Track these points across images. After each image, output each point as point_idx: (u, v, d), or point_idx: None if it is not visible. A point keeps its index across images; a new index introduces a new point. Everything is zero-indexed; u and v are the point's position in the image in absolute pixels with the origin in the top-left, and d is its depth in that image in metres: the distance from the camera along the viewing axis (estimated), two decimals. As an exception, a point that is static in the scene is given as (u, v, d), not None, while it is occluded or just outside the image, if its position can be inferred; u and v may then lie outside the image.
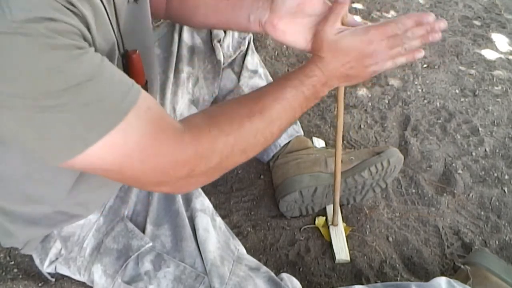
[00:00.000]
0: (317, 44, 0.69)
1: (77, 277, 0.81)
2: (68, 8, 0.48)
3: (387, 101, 1.52)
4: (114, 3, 0.64)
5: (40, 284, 0.95)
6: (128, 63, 0.69)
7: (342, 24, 0.69)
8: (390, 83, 1.59)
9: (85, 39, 0.51)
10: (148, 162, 0.54)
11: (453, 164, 1.30)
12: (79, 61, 0.47)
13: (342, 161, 1.08)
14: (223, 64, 1.08)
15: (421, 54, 0.72)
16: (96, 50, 0.52)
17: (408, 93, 1.55)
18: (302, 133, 1.21)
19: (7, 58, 0.43)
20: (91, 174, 0.59)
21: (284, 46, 1.70)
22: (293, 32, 0.72)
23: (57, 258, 0.79)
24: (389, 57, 0.69)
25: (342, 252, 1.06)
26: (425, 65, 1.69)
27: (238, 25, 0.81)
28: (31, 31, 0.43)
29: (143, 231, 0.76)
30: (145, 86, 0.74)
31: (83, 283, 0.89)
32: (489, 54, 1.76)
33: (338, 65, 0.69)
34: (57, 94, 0.46)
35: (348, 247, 1.07)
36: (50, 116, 0.47)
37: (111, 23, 0.61)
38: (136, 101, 0.52)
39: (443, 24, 0.68)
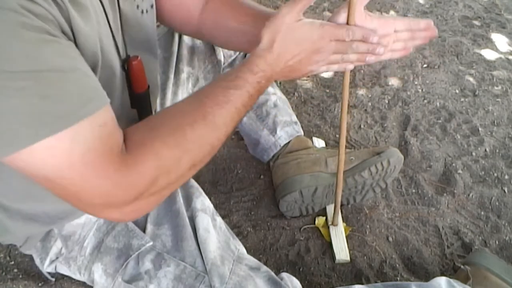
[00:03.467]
0: (272, 29, 0.65)
1: (77, 276, 0.81)
2: None
3: (387, 101, 1.52)
4: (120, 10, 0.64)
5: (40, 284, 0.95)
6: (129, 69, 0.69)
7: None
8: (390, 83, 1.59)
9: (63, 32, 0.48)
10: (91, 181, 0.51)
11: (453, 164, 1.30)
12: (49, 47, 0.45)
13: (342, 161, 1.09)
14: (223, 64, 1.08)
15: (350, 66, 0.73)
16: (78, 49, 0.50)
17: (408, 93, 1.55)
18: (302, 133, 1.21)
19: None
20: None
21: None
22: None
23: (57, 258, 0.79)
24: (329, 61, 0.69)
25: (342, 252, 1.06)
26: (425, 65, 1.69)
27: None
28: (2, 4, 0.41)
29: (144, 230, 0.76)
30: (147, 91, 0.75)
31: (83, 283, 0.89)
32: (489, 54, 1.77)
33: (289, 57, 0.65)
34: (16, 76, 0.43)
35: (348, 247, 1.07)
36: (2, 99, 0.43)
37: (111, 29, 0.61)
38: (95, 112, 0.49)
39: (382, 50, 0.70)
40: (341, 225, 1.11)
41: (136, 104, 0.75)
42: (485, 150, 1.36)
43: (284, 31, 0.64)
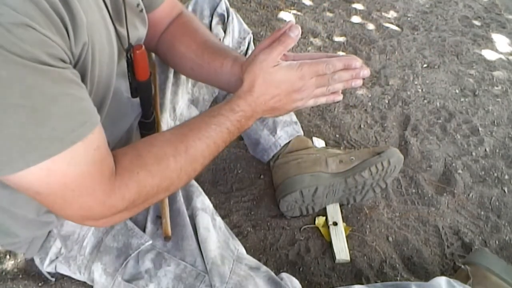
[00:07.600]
0: (251, 74, 0.70)
1: (77, 276, 0.81)
2: (48, 14, 0.46)
3: (387, 101, 1.52)
4: (124, 3, 0.66)
5: (40, 284, 0.95)
6: (133, 58, 0.71)
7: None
8: (390, 83, 1.59)
9: (61, 50, 0.49)
10: (79, 198, 0.55)
11: (453, 164, 1.30)
12: (44, 76, 0.46)
13: (342, 161, 1.09)
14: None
15: (339, 97, 0.77)
16: (82, 52, 0.52)
17: (408, 93, 1.55)
18: (302, 133, 1.21)
19: None
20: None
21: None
22: None
23: (57, 257, 0.79)
24: (313, 95, 0.73)
25: (342, 252, 1.06)
26: (425, 65, 1.69)
27: (220, 87, 0.87)
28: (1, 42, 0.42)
29: (144, 229, 0.76)
30: (149, 79, 0.77)
31: (83, 283, 0.89)
32: (489, 54, 1.77)
33: (268, 98, 0.70)
34: (11, 106, 0.45)
35: (348, 247, 1.07)
36: None
37: (112, 21, 0.62)
38: (88, 135, 0.52)
39: (367, 72, 0.73)
40: (341, 225, 1.11)
41: (138, 92, 0.77)
42: (485, 150, 1.36)
43: (263, 76, 0.69)
